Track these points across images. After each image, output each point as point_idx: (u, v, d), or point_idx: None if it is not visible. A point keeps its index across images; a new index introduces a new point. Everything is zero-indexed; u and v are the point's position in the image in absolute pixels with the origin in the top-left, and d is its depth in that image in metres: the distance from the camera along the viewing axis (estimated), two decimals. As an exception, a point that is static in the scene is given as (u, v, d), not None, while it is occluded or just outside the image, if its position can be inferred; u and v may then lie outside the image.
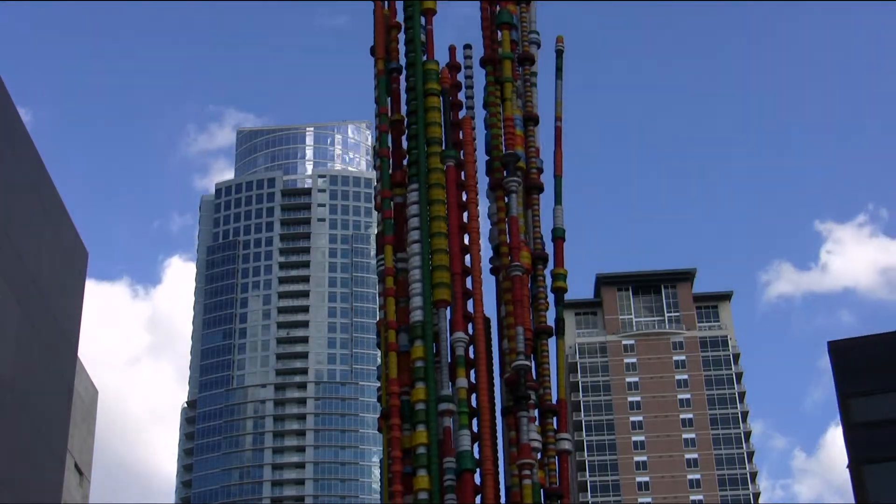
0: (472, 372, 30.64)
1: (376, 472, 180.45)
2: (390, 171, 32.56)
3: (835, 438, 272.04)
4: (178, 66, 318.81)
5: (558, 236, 32.85)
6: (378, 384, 31.32)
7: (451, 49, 34.30)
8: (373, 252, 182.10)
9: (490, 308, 31.58)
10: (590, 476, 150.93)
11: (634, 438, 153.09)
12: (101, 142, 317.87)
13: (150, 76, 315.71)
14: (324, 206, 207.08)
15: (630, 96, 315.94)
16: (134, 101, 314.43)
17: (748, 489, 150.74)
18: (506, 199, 32.01)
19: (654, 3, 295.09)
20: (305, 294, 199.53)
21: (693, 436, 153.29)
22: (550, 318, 31.68)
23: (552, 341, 31.43)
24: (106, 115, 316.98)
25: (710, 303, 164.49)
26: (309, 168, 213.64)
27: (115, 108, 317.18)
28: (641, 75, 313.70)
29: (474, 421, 30.12)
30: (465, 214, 32.12)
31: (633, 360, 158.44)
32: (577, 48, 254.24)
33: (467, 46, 34.35)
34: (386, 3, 34.38)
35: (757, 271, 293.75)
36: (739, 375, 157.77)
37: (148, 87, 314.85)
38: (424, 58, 33.32)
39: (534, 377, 30.69)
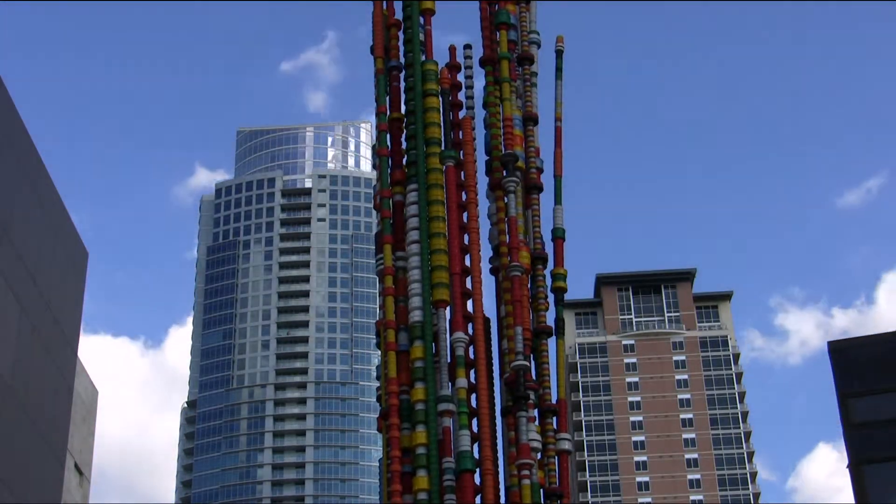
0: (472, 372, 30.63)
1: (377, 472, 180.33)
2: (390, 170, 32.52)
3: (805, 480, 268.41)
4: (179, 71, 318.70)
5: (558, 236, 32.84)
6: (378, 384, 31.30)
7: (451, 49, 34.29)
8: (373, 252, 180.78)
9: (490, 308, 31.62)
10: (590, 476, 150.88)
11: (634, 438, 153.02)
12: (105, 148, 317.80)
13: (149, 80, 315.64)
14: (324, 206, 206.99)
15: (630, 96, 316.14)
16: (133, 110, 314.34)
17: (748, 489, 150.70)
18: (505, 200, 31.98)
19: (655, 3, 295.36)
20: (305, 294, 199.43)
21: (693, 436, 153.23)
22: (550, 318, 31.69)
23: (552, 341, 31.43)
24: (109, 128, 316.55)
25: (710, 303, 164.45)
26: (309, 168, 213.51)
27: (117, 119, 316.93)
28: (641, 75, 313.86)
29: (474, 421, 30.10)
30: (465, 214, 32.10)
31: (633, 360, 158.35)
32: (577, 48, 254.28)
33: (467, 46, 34.34)
34: (385, 2, 34.37)
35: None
36: (739, 375, 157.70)
37: (146, 92, 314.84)
38: (423, 58, 33.31)
39: (533, 377, 30.68)
